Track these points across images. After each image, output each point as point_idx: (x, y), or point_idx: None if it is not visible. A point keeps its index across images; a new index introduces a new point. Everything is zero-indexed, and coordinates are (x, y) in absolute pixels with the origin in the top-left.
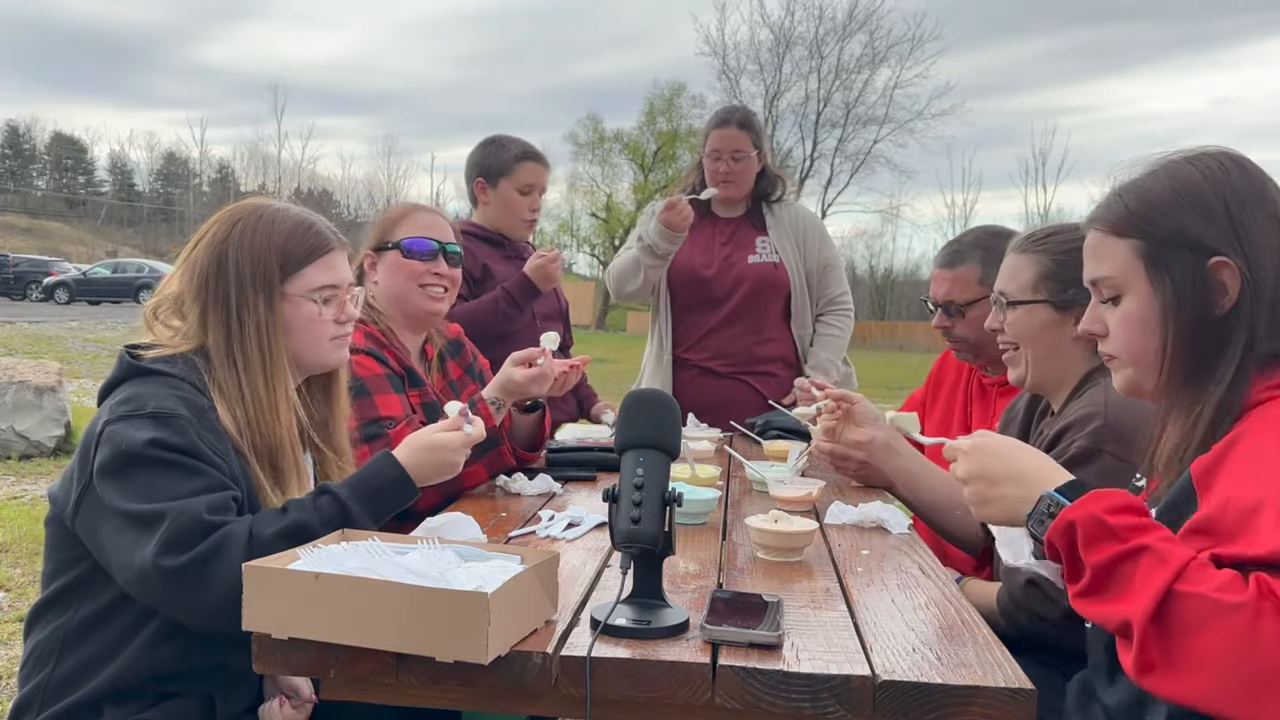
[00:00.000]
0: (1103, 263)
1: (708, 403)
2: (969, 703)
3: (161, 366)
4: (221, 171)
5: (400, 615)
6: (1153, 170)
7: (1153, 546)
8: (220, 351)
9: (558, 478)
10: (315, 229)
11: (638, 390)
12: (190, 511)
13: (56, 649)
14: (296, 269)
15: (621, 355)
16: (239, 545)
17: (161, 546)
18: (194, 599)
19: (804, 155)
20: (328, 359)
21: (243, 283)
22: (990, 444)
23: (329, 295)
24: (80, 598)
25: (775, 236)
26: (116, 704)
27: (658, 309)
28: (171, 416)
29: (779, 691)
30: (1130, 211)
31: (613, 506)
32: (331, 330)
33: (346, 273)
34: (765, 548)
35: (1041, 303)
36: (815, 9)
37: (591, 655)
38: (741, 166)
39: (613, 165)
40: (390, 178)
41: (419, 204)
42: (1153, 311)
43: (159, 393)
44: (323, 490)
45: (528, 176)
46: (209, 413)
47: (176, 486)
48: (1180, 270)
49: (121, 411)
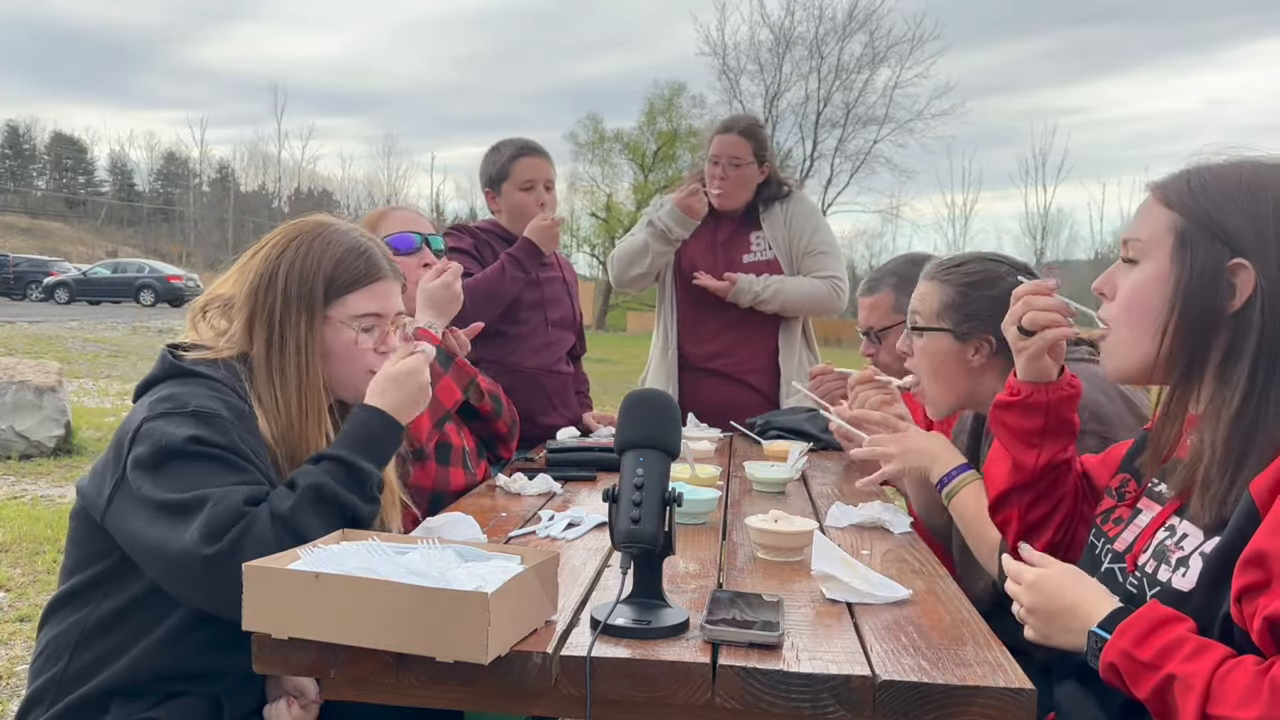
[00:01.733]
0: (1142, 224)
1: (713, 401)
2: (969, 703)
3: (204, 369)
4: (221, 171)
5: (400, 615)
6: (1227, 162)
7: (1178, 675)
8: (261, 363)
9: (558, 478)
10: (368, 256)
11: (638, 390)
12: (231, 498)
13: (72, 644)
14: (341, 294)
15: (622, 355)
16: (265, 519)
17: (204, 533)
18: (234, 587)
19: (804, 155)
20: (361, 388)
21: (289, 299)
22: (1048, 583)
23: (371, 324)
24: (102, 594)
25: (769, 231)
26: (124, 701)
27: (663, 305)
28: (213, 416)
29: (779, 691)
30: (1188, 189)
31: (613, 506)
32: (371, 360)
33: (395, 303)
34: (765, 548)
35: (942, 330)
36: (815, 9)
37: (591, 655)
38: (738, 174)
39: (613, 165)
40: (390, 178)
41: (392, 205)
42: (1162, 288)
43: (200, 393)
44: (319, 457)
45: (525, 172)
46: (250, 418)
47: (215, 478)
48: (1202, 259)
49: (162, 409)
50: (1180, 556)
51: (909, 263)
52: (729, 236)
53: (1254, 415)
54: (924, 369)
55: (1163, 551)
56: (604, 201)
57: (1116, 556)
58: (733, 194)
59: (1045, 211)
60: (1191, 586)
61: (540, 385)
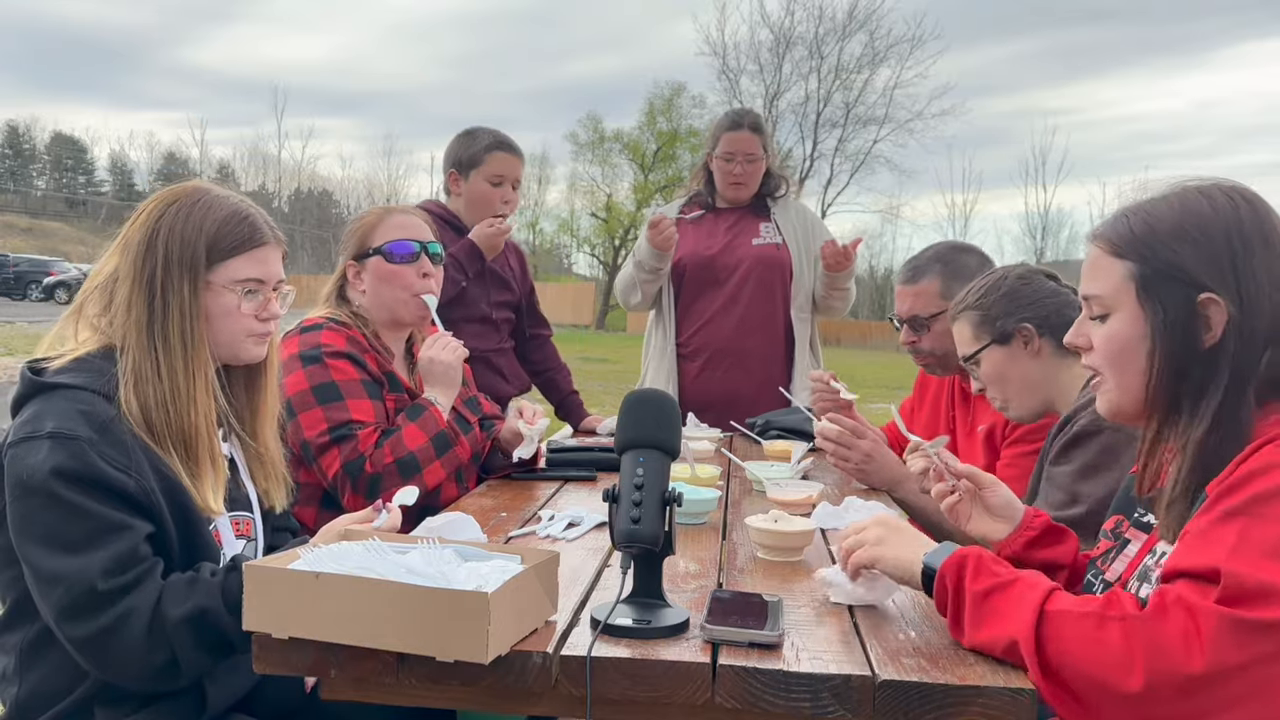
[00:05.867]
0: (1096, 280)
1: (712, 395)
2: (969, 703)
3: (64, 379)
4: (222, 171)
5: (400, 615)
6: (1164, 196)
7: (1024, 579)
8: (141, 331)
9: (558, 478)
10: (249, 221)
11: (638, 390)
12: (85, 580)
13: (17, 667)
14: (223, 258)
15: (622, 355)
16: (141, 623)
17: (60, 614)
18: (104, 667)
19: (804, 155)
20: (241, 353)
21: (169, 264)
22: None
23: (252, 288)
24: (35, 612)
25: (780, 222)
26: (106, 706)
27: (661, 301)
28: (70, 439)
29: (779, 691)
30: (1133, 235)
31: (613, 506)
32: (251, 325)
33: (277, 270)
34: (765, 548)
35: (988, 345)
36: (815, 9)
37: (591, 655)
38: (753, 169)
39: (613, 165)
40: (390, 177)
41: (392, 206)
42: (1138, 336)
43: (60, 409)
44: (234, 565)
45: (497, 166)
46: (113, 423)
47: (73, 532)
48: (1171, 302)
49: (23, 433)
50: (1159, 574)
51: (951, 249)
52: (736, 223)
53: (1220, 441)
54: (995, 388)
55: (1145, 572)
56: (604, 201)
57: (1107, 586)
58: (749, 186)
59: (1045, 211)
60: None
61: (493, 367)
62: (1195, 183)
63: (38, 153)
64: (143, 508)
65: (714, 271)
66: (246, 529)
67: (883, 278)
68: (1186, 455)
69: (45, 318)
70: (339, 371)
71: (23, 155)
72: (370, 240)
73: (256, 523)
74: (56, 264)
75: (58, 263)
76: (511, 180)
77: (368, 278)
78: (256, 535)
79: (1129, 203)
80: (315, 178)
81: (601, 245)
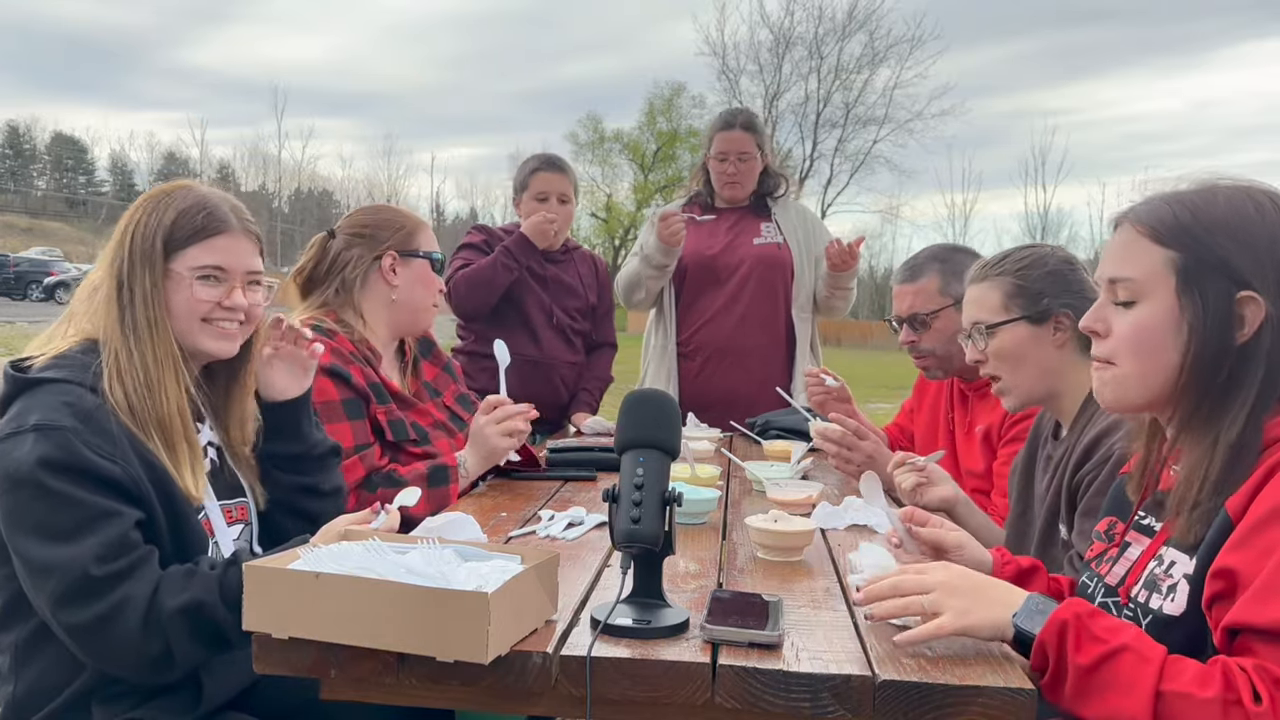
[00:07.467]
0: (1129, 263)
1: (712, 395)
2: (969, 703)
3: (48, 374)
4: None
5: (400, 615)
6: (1208, 190)
7: (1132, 647)
8: (115, 323)
9: (558, 478)
10: (209, 211)
11: (638, 390)
12: (78, 567)
13: (13, 665)
14: (181, 247)
15: (622, 355)
16: (137, 612)
17: (56, 603)
18: (100, 656)
19: (804, 155)
20: (199, 344)
21: (134, 256)
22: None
23: (210, 275)
24: (29, 609)
25: (781, 222)
26: (103, 702)
27: (661, 300)
28: (55, 429)
29: (779, 691)
30: (1178, 223)
31: (613, 506)
32: (206, 311)
33: (243, 260)
34: (765, 548)
35: (1017, 320)
36: (815, 9)
37: (591, 655)
38: (747, 167)
39: (613, 165)
40: (390, 177)
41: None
42: (1171, 326)
43: (44, 403)
44: (234, 560)
45: (540, 185)
46: (97, 412)
47: (63, 521)
48: (1214, 296)
49: (8, 429)
50: (1170, 584)
51: (949, 249)
52: (737, 222)
53: (1249, 440)
54: (1004, 365)
55: (1153, 581)
56: (604, 201)
57: (1109, 590)
58: (744, 185)
59: (1045, 211)
60: (1181, 611)
61: (548, 374)
62: (1228, 181)
63: (38, 153)
64: (131, 495)
65: (715, 271)
66: (242, 514)
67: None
68: (1217, 456)
69: (45, 318)
70: (318, 391)
71: (23, 155)
72: (418, 242)
73: (251, 507)
74: (57, 264)
75: (58, 263)
76: (557, 195)
77: (407, 274)
78: (252, 519)
79: (1163, 190)
80: (315, 178)
81: (602, 245)
